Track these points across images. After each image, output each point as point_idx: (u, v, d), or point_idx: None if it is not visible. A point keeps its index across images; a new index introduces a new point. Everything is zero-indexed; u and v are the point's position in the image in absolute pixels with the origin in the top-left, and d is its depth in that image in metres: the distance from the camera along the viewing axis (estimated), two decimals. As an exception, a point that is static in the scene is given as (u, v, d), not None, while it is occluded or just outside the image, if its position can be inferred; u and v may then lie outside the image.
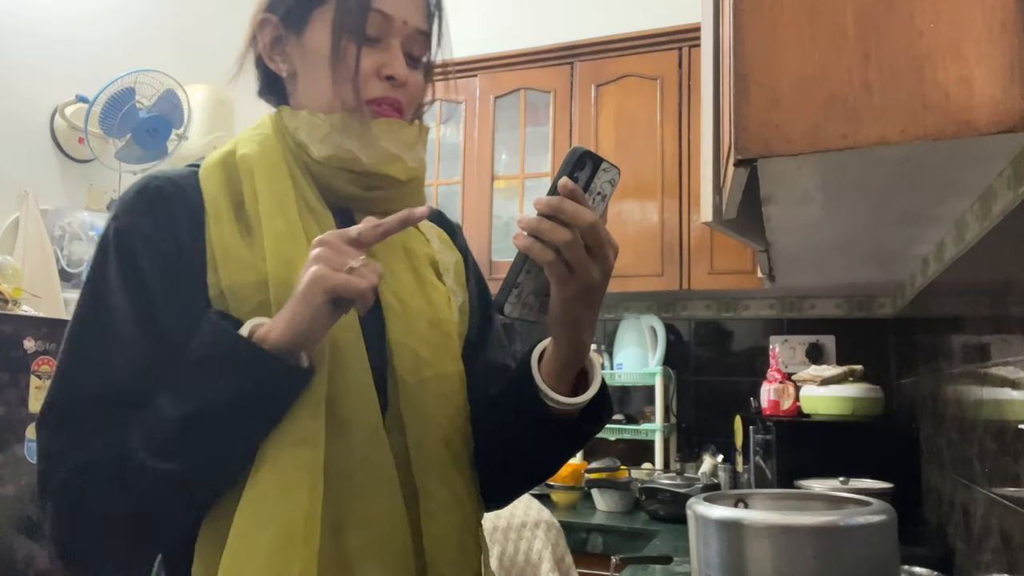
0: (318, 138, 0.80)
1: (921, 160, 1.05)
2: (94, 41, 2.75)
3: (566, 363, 0.79)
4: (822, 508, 1.08)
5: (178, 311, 0.74)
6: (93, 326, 0.75)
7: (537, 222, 0.70)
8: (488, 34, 3.22)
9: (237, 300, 0.74)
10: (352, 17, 0.80)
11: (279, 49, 0.85)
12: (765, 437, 2.01)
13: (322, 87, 0.81)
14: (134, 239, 0.75)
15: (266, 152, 0.80)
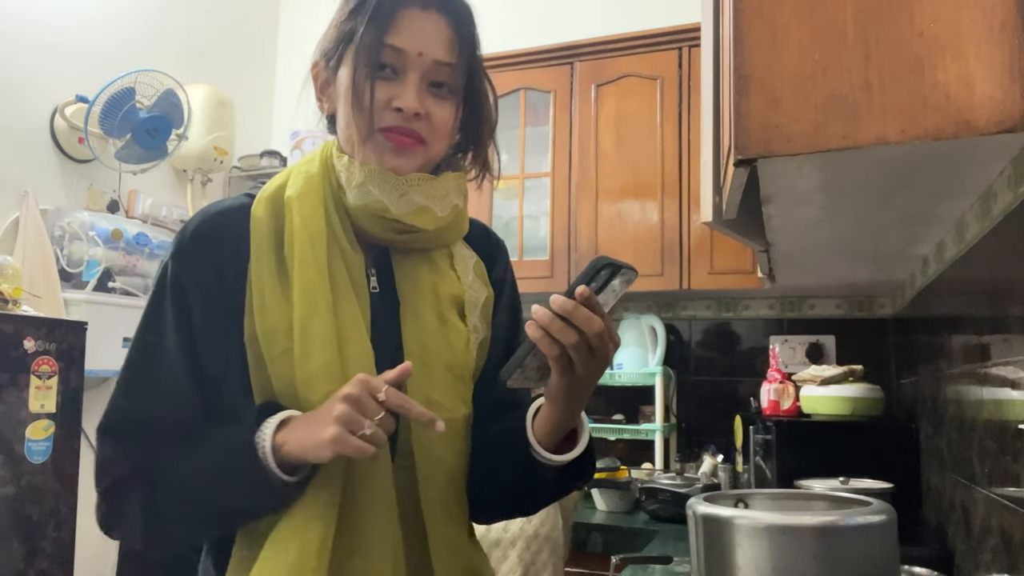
0: (353, 185, 0.86)
1: (921, 160, 1.05)
2: (94, 41, 2.75)
3: (557, 426, 0.85)
4: (822, 508, 1.08)
5: (218, 347, 0.83)
6: (148, 358, 0.85)
7: (549, 320, 0.76)
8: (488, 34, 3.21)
9: (269, 344, 0.81)
10: (367, 52, 0.85)
11: (327, 91, 0.92)
12: (765, 437, 2.01)
13: (346, 120, 0.87)
14: (186, 279, 0.84)
15: (309, 191, 0.87)
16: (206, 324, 0.83)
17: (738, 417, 2.42)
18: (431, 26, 0.88)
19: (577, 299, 0.76)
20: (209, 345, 0.84)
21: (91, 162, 2.64)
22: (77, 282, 2.50)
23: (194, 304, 0.84)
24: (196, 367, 0.84)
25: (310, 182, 0.87)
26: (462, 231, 0.97)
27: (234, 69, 3.44)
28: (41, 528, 1.94)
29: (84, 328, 2.11)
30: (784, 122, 0.93)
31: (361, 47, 0.85)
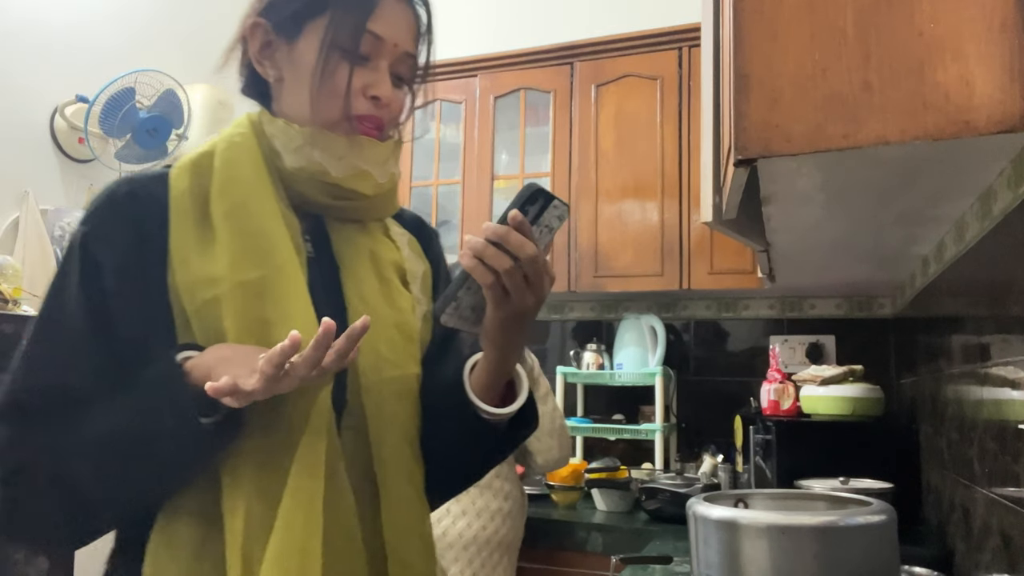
0: (291, 148, 0.83)
1: (921, 160, 1.05)
2: (94, 41, 2.75)
3: (494, 375, 0.84)
4: (822, 508, 1.08)
5: (136, 308, 0.78)
6: (53, 328, 0.79)
7: (483, 246, 0.75)
8: (488, 34, 3.22)
9: (191, 298, 0.77)
10: (346, 36, 0.83)
11: (268, 53, 0.87)
12: (765, 437, 2.01)
13: (306, 99, 0.84)
14: (99, 246, 0.79)
15: (241, 154, 0.83)
16: (122, 285, 0.78)
17: (738, 417, 2.42)
18: (406, 17, 0.87)
19: (509, 224, 0.75)
20: (126, 307, 0.78)
21: (91, 162, 2.64)
22: (77, 282, 2.50)
23: (106, 265, 0.78)
24: (107, 332, 0.77)
25: (241, 145, 0.84)
26: (395, 205, 0.95)
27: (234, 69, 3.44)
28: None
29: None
30: (784, 122, 0.93)
31: (341, 30, 0.82)
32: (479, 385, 0.85)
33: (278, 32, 0.86)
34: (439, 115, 2.95)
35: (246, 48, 0.89)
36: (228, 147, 0.84)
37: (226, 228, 0.79)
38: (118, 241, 0.79)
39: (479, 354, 0.86)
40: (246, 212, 0.80)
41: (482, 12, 3.36)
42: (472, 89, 2.86)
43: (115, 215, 0.81)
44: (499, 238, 0.75)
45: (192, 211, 0.80)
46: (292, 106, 0.86)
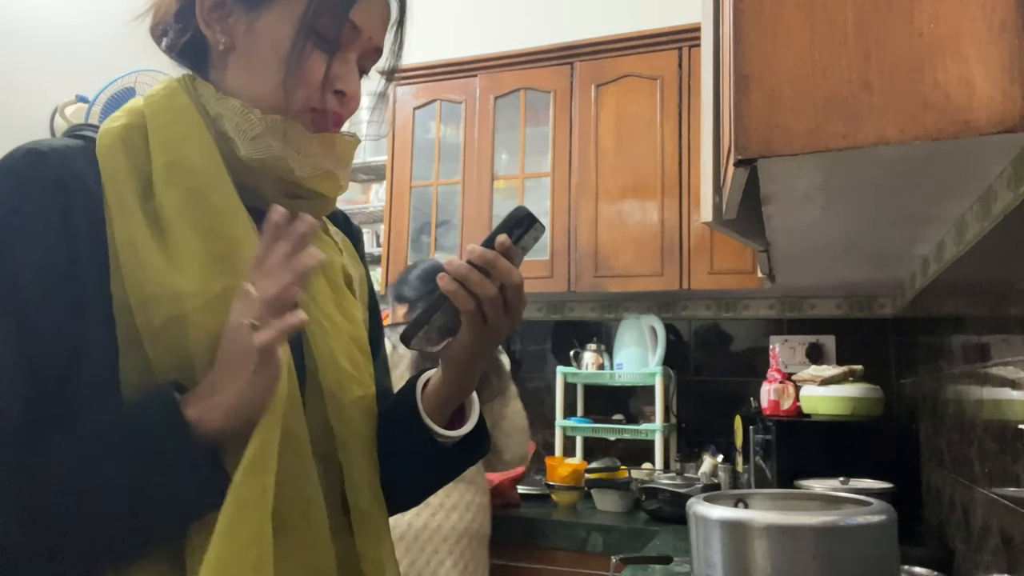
0: (249, 136, 0.71)
1: (921, 160, 1.05)
2: (94, 41, 2.75)
3: (451, 396, 0.80)
4: (822, 508, 1.08)
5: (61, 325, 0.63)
6: None
7: (467, 271, 0.70)
8: (488, 34, 3.22)
9: (146, 315, 0.63)
10: (327, 22, 0.73)
11: (220, 16, 0.74)
12: (765, 437, 2.01)
13: (266, 79, 0.72)
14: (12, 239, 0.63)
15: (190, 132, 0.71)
16: (45, 295, 0.62)
17: (738, 417, 2.42)
18: (382, 8, 0.78)
19: (497, 250, 0.71)
20: (49, 320, 0.62)
21: (91, 162, 2.65)
22: (77, 282, 2.51)
23: (23, 269, 0.62)
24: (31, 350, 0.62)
25: (184, 121, 0.71)
26: (332, 208, 0.84)
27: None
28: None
29: None
30: (784, 122, 0.93)
31: (321, 14, 0.72)
32: (432, 404, 0.80)
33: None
34: (439, 115, 2.95)
35: (190, 4, 0.75)
36: (166, 121, 0.71)
37: (183, 226, 0.66)
38: (38, 233, 0.63)
39: (427, 372, 0.82)
40: (206, 207, 0.68)
41: (482, 12, 3.36)
42: (472, 89, 2.86)
43: (29, 198, 0.63)
44: (487, 264, 0.71)
45: (134, 204, 0.66)
46: (243, 83, 0.74)
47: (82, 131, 0.72)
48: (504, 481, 2.40)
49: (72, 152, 0.67)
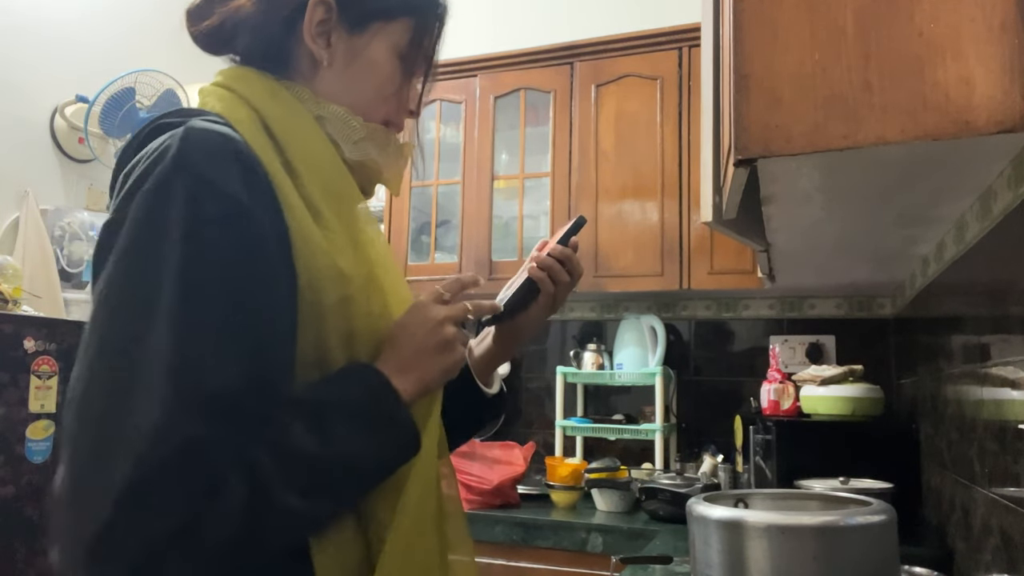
0: (351, 140, 0.80)
1: (921, 160, 1.05)
2: (94, 41, 2.75)
3: (499, 358, 0.99)
4: (822, 508, 1.08)
5: (266, 299, 0.66)
6: (203, 299, 0.61)
7: (552, 263, 0.95)
8: (488, 34, 3.22)
9: (324, 294, 0.70)
10: (416, 52, 0.85)
11: (322, 31, 0.80)
12: (765, 437, 2.01)
13: (360, 94, 0.82)
14: (233, 203, 0.64)
15: (311, 131, 0.77)
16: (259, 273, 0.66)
17: (738, 417, 2.42)
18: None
19: (570, 248, 0.96)
20: (262, 297, 0.66)
21: (91, 162, 2.64)
22: (77, 282, 2.50)
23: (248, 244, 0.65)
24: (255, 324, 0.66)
25: (301, 117, 0.77)
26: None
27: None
28: (41, 528, 1.94)
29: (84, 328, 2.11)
30: (784, 122, 0.93)
31: (414, 46, 0.84)
32: (481, 367, 0.97)
33: (342, 17, 0.80)
34: (439, 115, 2.95)
35: (287, 12, 0.80)
36: (282, 115, 0.75)
37: (329, 214, 0.73)
38: (260, 204, 0.66)
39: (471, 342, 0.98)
40: (340, 198, 0.76)
41: (482, 12, 3.36)
42: (472, 89, 2.86)
43: (250, 177, 0.67)
44: (566, 258, 0.95)
45: (291, 187, 0.70)
46: (333, 93, 0.80)
47: (206, 116, 0.71)
48: (504, 481, 2.40)
49: (236, 138, 0.69)
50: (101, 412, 0.59)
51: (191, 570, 0.58)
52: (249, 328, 0.64)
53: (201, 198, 0.63)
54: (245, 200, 0.65)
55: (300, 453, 0.64)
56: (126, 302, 0.61)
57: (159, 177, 0.63)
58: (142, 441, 0.56)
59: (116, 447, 0.57)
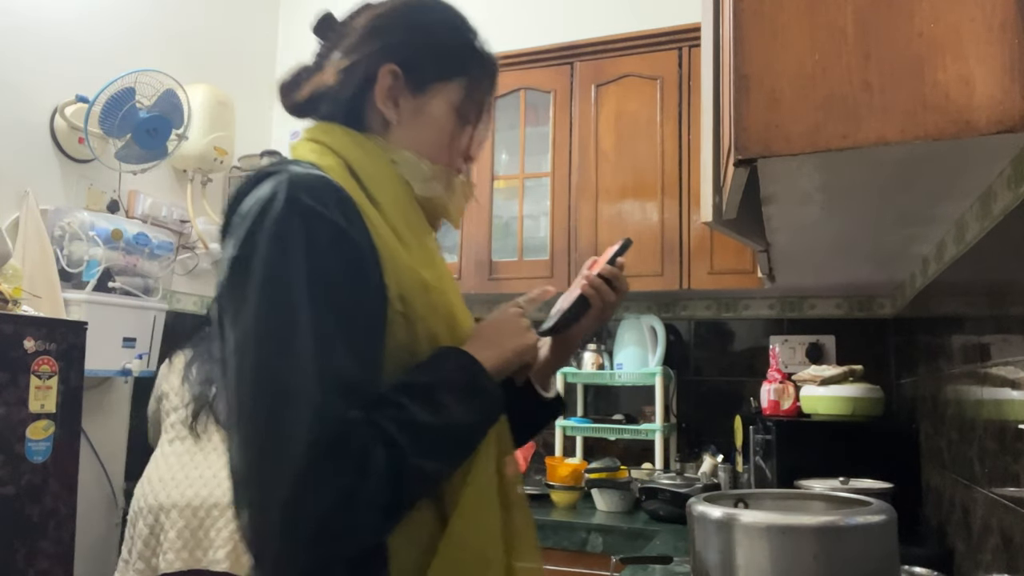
0: (420, 179, 0.94)
1: (921, 160, 1.05)
2: (94, 41, 2.75)
3: (556, 365, 1.11)
4: (822, 508, 1.08)
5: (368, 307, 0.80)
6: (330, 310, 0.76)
7: (600, 282, 1.06)
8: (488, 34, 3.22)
9: (412, 304, 0.83)
10: (473, 107, 0.98)
11: (392, 96, 0.94)
12: (765, 437, 2.01)
13: (426, 145, 0.95)
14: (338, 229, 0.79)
15: (389, 173, 0.92)
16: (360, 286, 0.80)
17: (738, 417, 2.42)
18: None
19: (617, 267, 1.07)
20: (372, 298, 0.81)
21: (91, 162, 2.64)
22: (77, 282, 2.50)
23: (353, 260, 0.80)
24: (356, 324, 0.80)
25: (381, 162, 0.92)
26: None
27: (234, 69, 3.44)
28: (41, 528, 1.94)
29: (84, 328, 2.11)
30: (784, 122, 0.93)
31: (470, 101, 0.97)
32: (538, 374, 1.08)
33: (407, 83, 0.94)
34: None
35: (362, 81, 0.94)
36: (365, 162, 0.90)
37: (409, 237, 0.88)
38: (355, 230, 0.80)
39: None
40: (414, 226, 0.91)
41: (482, 12, 3.36)
42: (472, 89, 2.86)
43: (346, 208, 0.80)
44: (613, 277, 1.06)
45: (379, 217, 0.85)
46: (403, 143, 0.95)
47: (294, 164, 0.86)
48: (504, 481, 2.40)
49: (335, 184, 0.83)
50: (269, 407, 0.73)
51: (359, 523, 0.73)
52: (360, 330, 0.78)
53: (313, 229, 0.77)
54: (345, 227, 0.79)
55: (421, 425, 0.77)
56: (274, 320, 0.75)
57: (278, 217, 0.77)
58: (309, 425, 0.71)
59: (288, 432, 0.71)
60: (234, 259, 0.78)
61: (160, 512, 2.22)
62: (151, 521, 2.22)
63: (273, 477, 0.71)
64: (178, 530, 2.19)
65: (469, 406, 0.83)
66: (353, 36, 0.95)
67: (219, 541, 2.19)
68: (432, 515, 0.82)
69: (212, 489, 2.23)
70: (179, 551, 2.18)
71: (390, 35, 0.95)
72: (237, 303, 0.76)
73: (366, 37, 0.95)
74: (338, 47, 0.96)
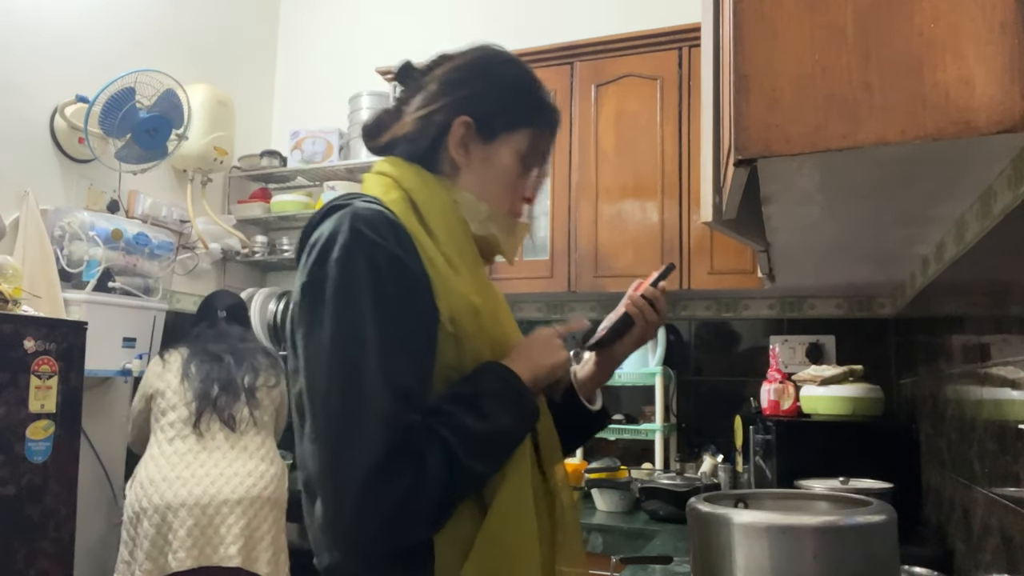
0: (477, 219, 1.02)
1: (921, 160, 1.05)
2: (94, 41, 2.75)
3: (598, 382, 1.22)
4: (822, 508, 1.08)
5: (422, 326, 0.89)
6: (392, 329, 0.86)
7: (644, 302, 1.17)
8: (488, 34, 3.22)
9: (462, 326, 0.91)
10: (537, 155, 1.07)
11: (464, 142, 1.03)
12: (765, 437, 2.01)
13: (491, 189, 1.04)
14: (395, 257, 0.89)
15: (448, 208, 1.00)
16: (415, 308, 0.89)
17: (738, 417, 2.42)
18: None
19: (660, 291, 1.17)
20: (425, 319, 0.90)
21: (91, 162, 2.64)
22: (77, 282, 2.50)
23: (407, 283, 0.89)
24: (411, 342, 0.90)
25: (442, 199, 1.00)
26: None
27: (234, 69, 3.44)
28: (41, 528, 1.94)
29: (84, 328, 2.11)
30: (784, 122, 0.93)
31: (534, 151, 1.06)
32: (584, 388, 1.20)
33: (478, 131, 1.03)
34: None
35: (438, 129, 1.03)
36: (428, 198, 0.99)
37: (462, 266, 0.96)
38: (410, 259, 0.90)
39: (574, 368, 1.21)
40: (469, 255, 0.99)
41: (482, 12, 3.36)
42: (472, 89, 2.86)
43: (401, 239, 0.90)
44: (656, 299, 1.17)
45: (434, 248, 0.93)
46: (476, 189, 1.03)
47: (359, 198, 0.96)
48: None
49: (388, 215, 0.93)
50: (344, 412, 0.83)
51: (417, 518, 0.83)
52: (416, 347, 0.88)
53: (375, 257, 0.87)
54: (401, 255, 0.88)
55: (470, 430, 0.86)
56: (345, 337, 0.85)
57: (342, 248, 0.87)
58: (379, 428, 0.82)
59: (362, 434, 0.82)
60: (304, 284, 0.89)
61: (168, 511, 2.22)
62: (157, 521, 2.22)
63: (348, 473, 0.81)
64: (188, 528, 2.20)
65: (510, 413, 0.91)
66: (431, 86, 1.04)
67: (230, 538, 2.22)
68: (472, 515, 0.89)
69: (220, 487, 2.25)
70: (190, 549, 2.19)
71: (465, 88, 1.04)
72: (310, 322, 0.87)
73: (443, 89, 1.04)
74: (417, 95, 1.05)
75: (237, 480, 2.29)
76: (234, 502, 2.25)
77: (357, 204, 0.92)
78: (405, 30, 3.46)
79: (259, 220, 3.42)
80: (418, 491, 0.82)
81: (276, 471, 2.40)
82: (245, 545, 2.23)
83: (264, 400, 2.47)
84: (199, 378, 2.37)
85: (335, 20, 3.63)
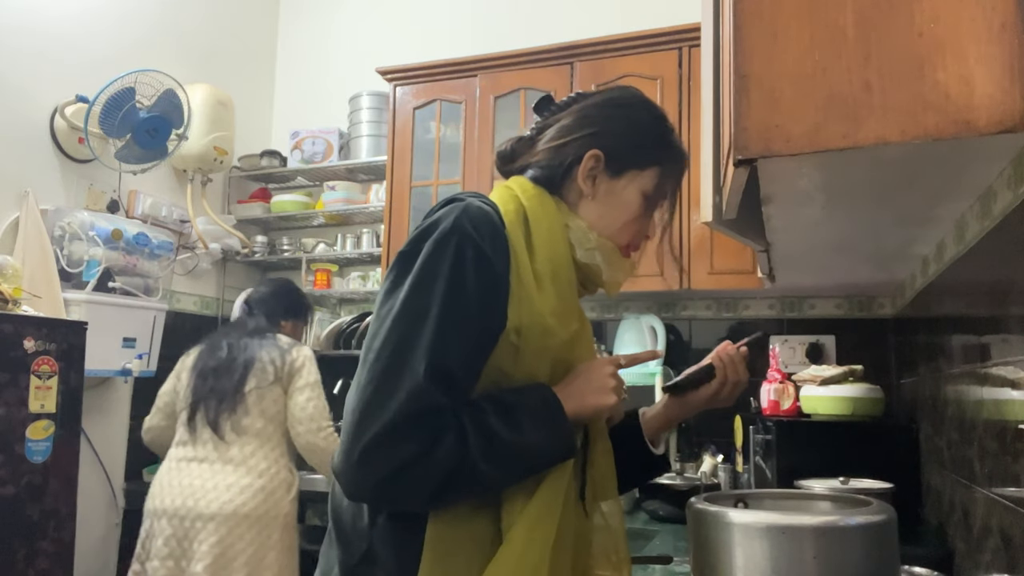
0: (584, 246, 1.05)
1: (921, 160, 1.05)
2: (94, 41, 2.75)
3: (665, 428, 1.22)
4: (822, 508, 1.08)
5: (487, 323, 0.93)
6: (456, 311, 0.91)
7: (730, 358, 1.22)
8: (488, 34, 3.22)
9: (527, 340, 0.94)
10: (660, 195, 1.10)
11: (591, 175, 1.07)
12: (765, 437, 2.01)
13: (611, 222, 1.08)
14: (483, 255, 0.93)
15: (557, 230, 1.03)
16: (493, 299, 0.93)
17: (738, 417, 2.42)
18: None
19: (744, 355, 1.24)
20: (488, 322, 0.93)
21: (91, 162, 2.64)
22: (77, 282, 2.50)
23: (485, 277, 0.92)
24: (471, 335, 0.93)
25: (554, 221, 1.03)
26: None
27: (234, 69, 3.44)
28: (41, 528, 1.94)
29: (84, 328, 2.11)
30: (784, 122, 0.93)
31: (659, 190, 1.09)
32: (651, 429, 1.21)
33: (607, 166, 1.07)
34: (439, 115, 2.95)
35: (569, 160, 1.07)
36: (541, 217, 1.02)
37: (550, 287, 0.97)
38: (498, 262, 0.94)
39: (647, 408, 1.23)
40: (563, 278, 1.00)
41: (482, 12, 3.36)
42: (472, 89, 2.86)
43: (496, 243, 0.94)
44: (741, 360, 1.23)
45: (527, 260, 0.96)
46: (594, 219, 1.07)
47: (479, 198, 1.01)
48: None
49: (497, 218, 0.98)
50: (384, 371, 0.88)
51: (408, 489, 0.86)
52: (472, 339, 0.91)
53: (464, 248, 0.92)
54: (490, 255, 0.93)
55: (492, 431, 0.89)
56: (412, 306, 0.91)
57: (441, 232, 0.93)
58: (405, 395, 0.86)
59: (393, 394, 0.86)
60: (400, 252, 0.95)
61: (153, 517, 2.20)
62: (147, 525, 2.21)
63: (368, 422, 0.86)
64: (165, 538, 2.16)
65: (539, 433, 0.92)
66: (566, 120, 1.09)
67: (198, 554, 2.13)
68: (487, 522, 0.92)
69: (198, 499, 2.17)
70: (164, 559, 2.15)
71: (599, 124, 1.08)
72: (390, 289, 0.94)
73: (578, 123, 1.08)
74: (552, 127, 1.10)
75: (214, 494, 2.17)
76: (207, 517, 2.15)
77: (472, 201, 0.97)
78: (405, 30, 3.46)
79: (259, 220, 3.42)
80: (421, 464, 0.85)
81: (264, 484, 2.23)
82: (213, 563, 2.11)
83: (254, 407, 2.28)
84: (196, 370, 2.32)
85: (335, 20, 3.63)
